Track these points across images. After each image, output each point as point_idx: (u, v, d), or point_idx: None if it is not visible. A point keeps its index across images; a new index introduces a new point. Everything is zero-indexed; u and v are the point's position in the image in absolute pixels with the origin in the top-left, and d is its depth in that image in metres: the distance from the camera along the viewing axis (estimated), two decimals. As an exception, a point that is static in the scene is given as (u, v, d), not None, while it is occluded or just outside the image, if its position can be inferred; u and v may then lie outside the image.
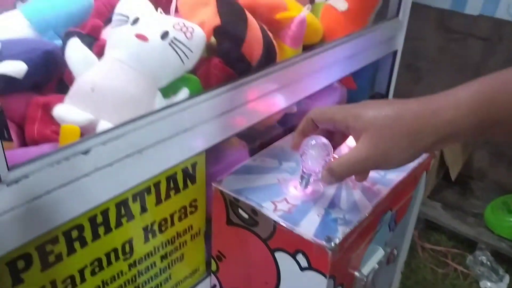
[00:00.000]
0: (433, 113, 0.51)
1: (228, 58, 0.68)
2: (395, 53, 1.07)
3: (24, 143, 0.64)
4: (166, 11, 0.68)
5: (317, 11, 0.93)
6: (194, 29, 0.62)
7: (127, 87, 0.58)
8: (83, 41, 0.64)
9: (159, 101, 0.61)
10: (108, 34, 0.62)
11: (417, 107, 0.52)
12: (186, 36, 0.61)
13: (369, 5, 0.95)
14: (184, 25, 0.62)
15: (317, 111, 0.60)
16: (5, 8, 0.88)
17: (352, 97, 1.05)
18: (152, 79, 0.60)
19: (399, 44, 1.06)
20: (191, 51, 0.62)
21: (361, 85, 1.06)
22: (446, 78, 2.00)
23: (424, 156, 0.81)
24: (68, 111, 0.55)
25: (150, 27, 0.60)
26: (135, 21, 0.61)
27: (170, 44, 0.60)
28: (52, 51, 0.67)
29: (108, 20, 0.82)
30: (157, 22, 0.61)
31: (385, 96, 1.13)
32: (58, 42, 0.71)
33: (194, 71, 0.69)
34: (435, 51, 2.04)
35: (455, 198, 1.99)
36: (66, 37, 0.69)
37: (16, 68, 0.61)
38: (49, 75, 0.69)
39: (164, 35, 0.60)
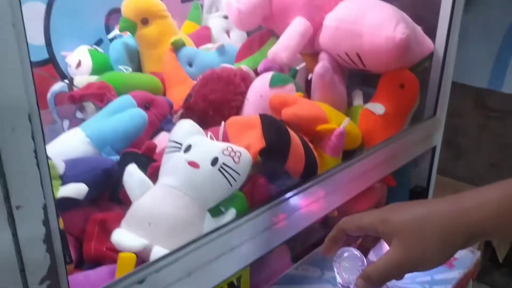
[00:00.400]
0: (461, 214, 0.52)
1: (272, 176, 0.71)
2: (434, 148, 1.09)
3: (81, 255, 0.68)
4: (215, 133, 0.73)
5: (356, 114, 0.96)
6: (241, 153, 0.67)
7: (180, 213, 0.61)
8: (138, 161, 0.70)
9: (208, 222, 0.64)
10: (163, 159, 0.67)
11: (446, 208, 0.53)
12: (234, 160, 0.65)
13: (406, 108, 0.98)
14: (232, 150, 0.66)
15: (346, 221, 0.62)
16: (65, 115, 0.97)
17: (392, 193, 1.06)
18: (203, 203, 0.64)
19: (438, 140, 1.08)
20: (239, 174, 0.66)
21: (400, 180, 1.07)
22: (487, 155, 1.98)
23: (469, 265, 0.80)
24: (125, 237, 0.59)
25: (201, 154, 0.65)
26: (188, 148, 0.65)
27: (219, 170, 0.64)
28: (110, 169, 0.73)
29: (159, 129, 0.89)
30: (207, 149, 0.66)
31: (426, 189, 1.13)
32: (115, 157, 0.77)
33: (240, 187, 0.72)
34: (475, 128, 2.03)
35: (503, 280, 1.90)
36: (123, 157, 0.75)
37: (78, 190, 0.67)
38: (105, 190, 0.75)
39: (214, 161, 0.64)
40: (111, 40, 1.15)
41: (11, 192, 0.40)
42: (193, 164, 0.64)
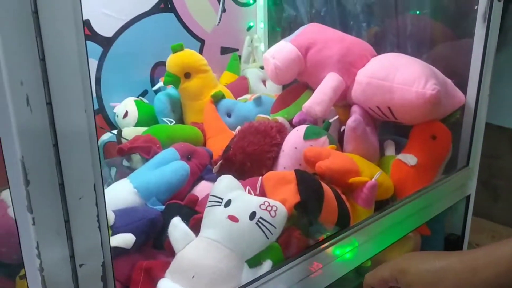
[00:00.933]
0: (475, 272, 0.55)
1: (307, 228, 0.75)
2: (468, 197, 1.10)
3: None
4: (253, 185, 0.78)
5: (388, 164, 0.99)
6: (278, 207, 0.71)
7: (220, 265, 0.66)
8: (181, 212, 0.75)
9: (246, 273, 0.68)
10: (205, 213, 0.72)
11: (459, 265, 0.56)
12: (270, 214, 0.70)
13: (439, 159, 1.00)
14: (269, 204, 0.70)
15: (368, 278, 0.65)
16: (113, 163, 1.04)
17: (426, 241, 1.07)
18: (241, 255, 0.68)
19: (472, 189, 1.09)
20: (275, 227, 0.70)
21: (435, 229, 1.08)
22: (526, 198, 1.94)
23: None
24: (169, 288, 0.64)
25: (240, 209, 0.69)
26: (228, 203, 0.70)
27: (257, 223, 0.69)
28: (155, 219, 0.78)
29: (200, 178, 0.95)
30: (246, 203, 0.70)
31: (460, 237, 1.14)
32: (160, 207, 0.83)
33: (276, 239, 0.76)
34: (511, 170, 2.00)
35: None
36: (167, 208, 0.81)
37: (126, 240, 0.72)
38: (150, 238, 0.80)
39: (252, 216, 0.69)
40: (156, 91, 1.24)
41: (76, 252, 0.46)
42: (233, 218, 0.68)
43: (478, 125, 1.03)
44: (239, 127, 0.99)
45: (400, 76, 0.92)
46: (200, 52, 1.37)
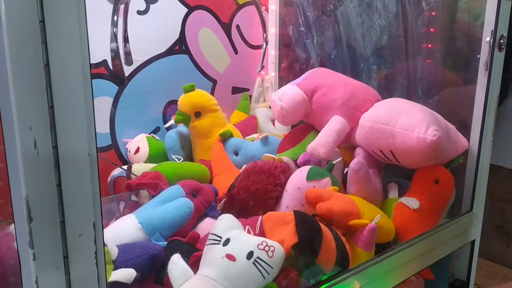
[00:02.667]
0: None
1: (304, 269, 0.76)
2: (473, 242, 1.09)
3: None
4: (253, 224, 0.80)
5: (390, 207, 1.00)
6: (275, 247, 0.72)
7: (216, 303, 0.67)
8: (182, 249, 0.77)
9: (242, 313, 0.69)
10: (204, 250, 0.74)
11: None
12: (268, 254, 0.71)
13: (442, 203, 1.01)
14: (267, 244, 0.72)
15: None
16: (122, 198, 1.07)
17: (430, 285, 1.06)
18: (237, 294, 0.69)
19: (476, 234, 1.09)
20: (272, 268, 0.71)
21: (439, 273, 1.07)
22: (540, 244, 1.90)
23: None
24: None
25: (238, 248, 0.71)
26: (226, 242, 0.72)
27: (254, 263, 0.70)
28: (157, 254, 0.80)
29: (204, 215, 0.97)
30: (244, 243, 0.72)
31: (465, 283, 1.12)
32: (162, 243, 0.85)
33: (273, 279, 0.77)
34: (525, 215, 1.97)
35: None
36: (170, 244, 0.83)
37: (127, 275, 0.74)
38: (151, 273, 0.82)
39: (250, 255, 0.70)
40: (167, 128, 1.28)
41: (73, 287, 0.48)
42: (230, 257, 0.70)
43: (482, 170, 1.04)
44: (244, 166, 1.02)
45: (402, 121, 0.95)
46: (212, 91, 1.42)
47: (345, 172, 1.03)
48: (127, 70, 1.25)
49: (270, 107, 1.42)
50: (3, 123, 0.44)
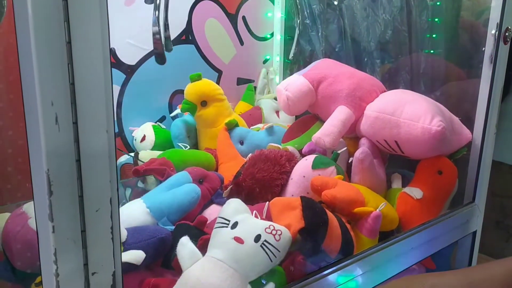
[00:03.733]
0: (470, 286, 0.57)
1: (310, 254, 0.77)
2: (474, 233, 1.11)
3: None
4: (260, 210, 0.81)
5: (394, 197, 1.02)
6: (282, 231, 0.74)
7: (224, 284, 0.68)
8: (190, 233, 0.79)
9: (249, 294, 0.71)
10: (212, 233, 0.75)
11: (454, 280, 0.58)
12: (275, 238, 0.73)
13: (444, 193, 1.02)
14: (274, 228, 0.73)
15: None
16: (128, 184, 1.09)
17: (431, 275, 1.08)
18: (245, 276, 0.71)
19: (478, 225, 1.10)
20: (279, 251, 0.73)
21: (440, 264, 1.09)
22: (539, 240, 1.92)
23: None
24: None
25: (246, 231, 0.72)
26: (234, 225, 0.74)
27: (261, 246, 0.72)
28: (165, 238, 0.82)
29: (210, 201, 0.99)
30: (251, 226, 0.74)
31: (466, 274, 1.14)
32: (170, 227, 0.86)
33: (280, 263, 0.79)
34: (525, 211, 1.98)
35: None
36: (177, 228, 0.84)
37: (137, 257, 0.76)
38: (159, 257, 0.83)
39: (257, 238, 0.72)
40: (173, 117, 1.29)
41: (89, 260, 0.49)
42: (238, 240, 0.71)
43: (484, 163, 1.06)
44: (250, 155, 1.03)
45: (407, 112, 0.96)
46: (218, 82, 1.43)
47: (349, 162, 1.04)
48: (134, 59, 1.26)
49: (274, 99, 1.43)
50: (25, 99, 0.46)
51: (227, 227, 0.74)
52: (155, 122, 1.30)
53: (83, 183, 0.47)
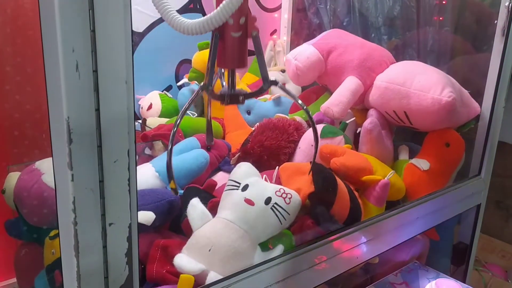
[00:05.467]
0: None
1: (319, 219, 0.78)
2: (478, 206, 1.11)
3: (143, 276, 0.77)
4: (269, 175, 0.82)
5: (401, 168, 1.02)
6: (292, 195, 0.74)
7: (235, 244, 0.69)
8: (199, 196, 0.79)
9: (258, 255, 0.71)
10: (223, 195, 0.75)
11: None
12: (285, 201, 0.73)
13: (451, 166, 1.02)
14: (284, 192, 0.74)
15: None
16: (136, 152, 1.09)
17: (435, 247, 1.09)
18: (255, 237, 0.71)
19: (483, 198, 1.11)
20: (288, 214, 0.73)
21: (444, 235, 1.10)
22: (539, 219, 1.94)
23: None
24: (186, 262, 0.67)
25: (256, 193, 0.73)
26: (245, 187, 0.74)
27: (271, 208, 0.72)
28: (174, 201, 0.82)
29: (218, 169, 0.99)
30: (262, 189, 0.74)
31: (469, 246, 1.15)
32: (179, 191, 0.87)
33: (288, 226, 0.80)
34: (525, 190, 2.00)
35: None
36: (187, 191, 0.85)
37: (147, 217, 0.76)
38: (168, 219, 0.84)
39: (268, 201, 0.72)
40: (180, 87, 1.29)
41: (107, 211, 0.50)
42: (249, 202, 0.72)
43: (492, 136, 1.06)
44: (258, 123, 1.03)
45: (418, 82, 0.96)
46: (225, 52, 1.42)
47: (357, 132, 1.04)
48: (142, 25, 1.25)
49: (281, 71, 1.43)
50: (45, 46, 0.45)
51: (237, 189, 0.74)
52: (162, 91, 1.29)
53: (102, 133, 0.47)
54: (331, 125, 1.01)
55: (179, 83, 1.30)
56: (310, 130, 1.00)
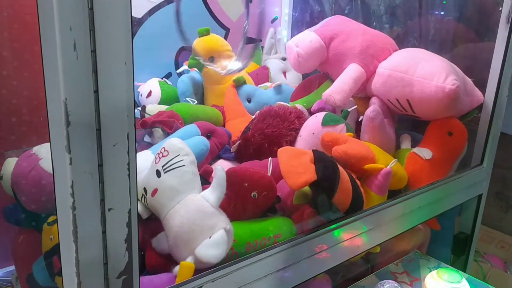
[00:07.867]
0: None
1: (321, 207, 0.77)
2: (480, 196, 1.11)
3: (142, 263, 0.76)
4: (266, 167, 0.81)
5: (403, 157, 1.01)
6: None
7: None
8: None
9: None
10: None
11: None
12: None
13: (454, 155, 1.01)
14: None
15: None
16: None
17: (436, 236, 1.08)
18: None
19: (484, 189, 1.10)
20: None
21: (445, 225, 1.09)
22: (538, 211, 1.93)
23: None
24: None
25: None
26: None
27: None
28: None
29: (218, 156, 0.98)
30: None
31: (470, 236, 1.15)
32: (178, 179, 0.85)
33: (290, 214, 0.79)
34: (526, 182, 1.99)
35: None
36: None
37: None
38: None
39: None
40: (179, 74, 1.27)
41: (106, 196, 0.48)
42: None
43: (495, 126, 1.05)
44: (258, 111, 1.02)
45: (421, 70, 0.94)
46: (225, 40, 1.40)
47: (359, 120, 1.03)
48: (141, 11, 1.23)
49: (282, 59, 1.41)
50: (41, 23, 0.44)
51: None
52: (161, 78, 1.28)
53: (101, 116, 0.46)
54: (332, 113, 1.00)
55: (179, 70, 1.28)
56: (311, 118, 0.99)
